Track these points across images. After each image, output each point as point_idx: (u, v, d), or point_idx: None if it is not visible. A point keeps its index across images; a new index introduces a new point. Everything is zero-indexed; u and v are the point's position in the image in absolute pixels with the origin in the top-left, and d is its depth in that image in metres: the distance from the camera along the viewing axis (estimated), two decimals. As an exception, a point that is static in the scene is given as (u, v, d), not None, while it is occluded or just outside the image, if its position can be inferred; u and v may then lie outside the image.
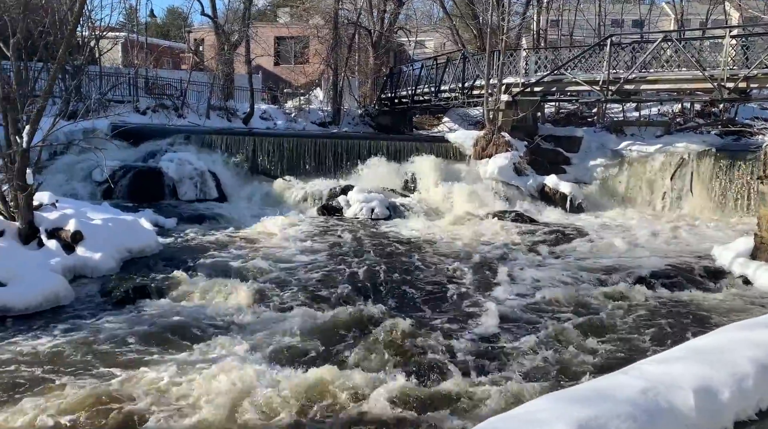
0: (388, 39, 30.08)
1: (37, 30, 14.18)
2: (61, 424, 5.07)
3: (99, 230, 10.32)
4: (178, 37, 41.34)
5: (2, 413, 5.17)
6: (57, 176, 16.04)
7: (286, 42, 35.64)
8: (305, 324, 7.66)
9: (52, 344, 6.75)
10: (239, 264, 10.44)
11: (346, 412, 5.44)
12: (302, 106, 28.70)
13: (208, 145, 18.99)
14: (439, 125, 29.73)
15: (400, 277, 10.17)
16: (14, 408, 5.27)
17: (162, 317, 7.88)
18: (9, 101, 10.00)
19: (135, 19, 29.77)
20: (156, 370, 6.10)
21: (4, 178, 10.00)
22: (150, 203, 15.65)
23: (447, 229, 14.19)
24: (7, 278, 8.11)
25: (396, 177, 18.56)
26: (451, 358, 6.73)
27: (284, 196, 17.41)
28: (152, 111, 23.06)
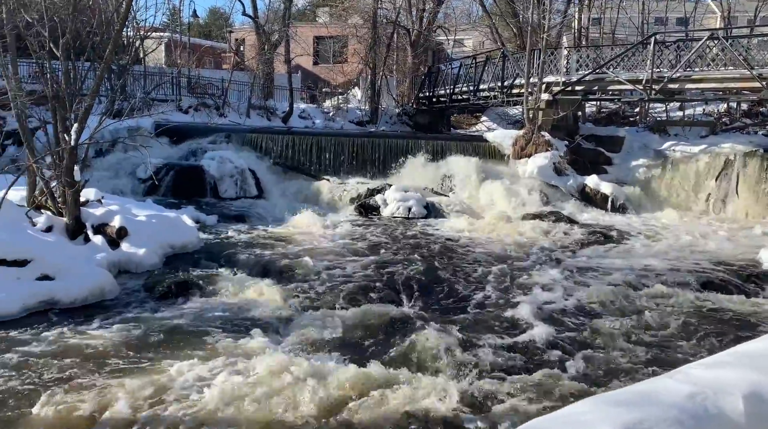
0: (427, 38, 30.01)
1: (84, 31, 14.55)
2: (106, 414, 5.19)
3: (143, 226, 10.54)
4: (219, 37, 41.94)
5: (50, 403, 5.31)
6: (103, 173, 16.44)
7: (325, 41, 35.88)
8: (342, 322, 7.69)
9: (97, 336, 6.91)
10: (277, 261, 10.55)
11: (383, 411, 5.44)
12: (340, 105, 28.85)
13: (248, 144, 19.25)
14: (477, 124, 29.56)
15: (436, 276, 10.15)
16: (62, 398, 5.42)
17: (203, 312, 8.01)
18: (58, 100, 10.29)
19: (178, 20, 30.30)
20: (196, 363, 6.19)
21: (52, 174, 10.31)
22: (191, 200, 15.95)
23: (485, 229, 14.09)
24: (55, 272, 8.34)
25: (433, 176, 18.52)
26: (490, 359, 6.68)
27: (322, 194, 17.52)
28: (194, 110, 23.47)
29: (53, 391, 5.52)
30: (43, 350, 6.48)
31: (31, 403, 5.34)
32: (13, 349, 6.46)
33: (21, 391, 5.54)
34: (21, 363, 6.12)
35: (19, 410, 5.23)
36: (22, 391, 5.56)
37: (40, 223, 9.68)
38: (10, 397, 5.43)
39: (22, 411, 5.23)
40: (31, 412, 5.20)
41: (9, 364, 6.09)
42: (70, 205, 9.94)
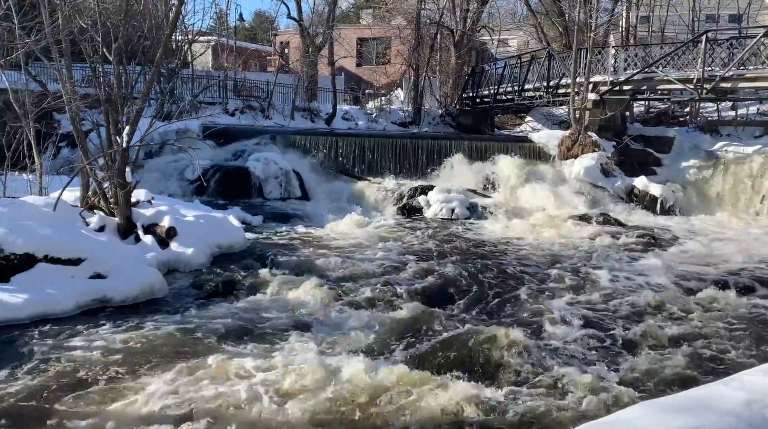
0: (471, 38, 29.82)
1: (135, 35, 14.94)
2: (155, 410, 5.32)
3: (191, 226, 10.75)
4: (264, 40, 42.54)
5: (102, 398, 5.47)
6: (152, 175, 16.84)
7: (369, 43, 36.02)
8: (385, 323, 7.71)
9: (148, 334, 7.08)
10: (321, 261, 10.62)
11: (421, 413, 5.42)
12: (383, 106, 28.92)
13: (292, 145, 19.48)
14: (521, 125, 29.24)
15: (479, 278, 10.08)
16: (112, 394, 5.57)
17: (249, 311, 8.12)
18: (110, 103, 10.59)
19: (225, 24, 30.86)
20: (242, 361, 6.28)
21: (105, 176, 10.61)
22: (237, 201, 16.22)
23: (529, 231, 13.94)
24: (107, 271, 8.57)
25: (477, 177, 18.41)
26: (535, 362, 6.60)
27: (365, 195, 17.59)
28: (240, 112, 23.86)
29: (104, 387, 5.69)
30: (95, 347, 6.65)
31: (83, 397, 5.50)
32: (67, 346, 6.68)
33: (74, 386, 5.71)
34: (74, 359, 6.31)
35: (72, 404, 5.40)
36: (75, 385, 5.73)
37: (93, 223, 9.97)
38: (64, 392, 5.60)
39: (75, 405, 5.39)
40: (83, 407, 5.36)
41: (63, 359, 6.29)
42: (121, 206, 10.21)
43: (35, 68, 17.70)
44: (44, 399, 5.46)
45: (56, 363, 6.18)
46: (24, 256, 8.19)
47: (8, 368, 6.06)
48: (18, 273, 8.08)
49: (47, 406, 5.34)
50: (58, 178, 11.98)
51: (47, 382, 5.77)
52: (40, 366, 6.10)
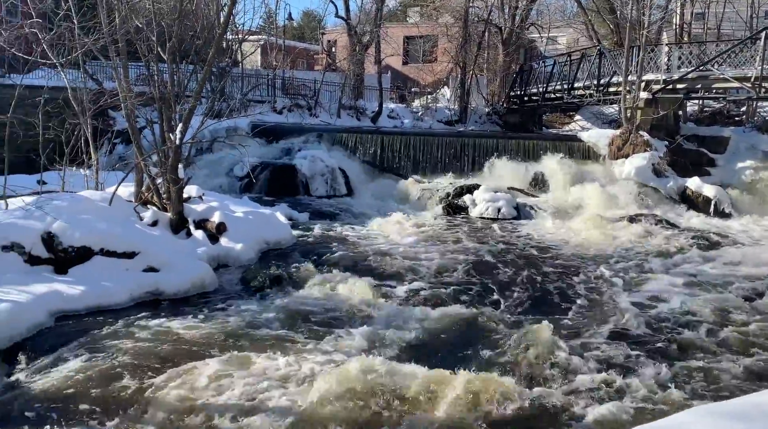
0: (519, 36, 29.48)
1: (188, 35, 15.27)
2: (202, 399, 5.44)
3: (240, 222, 10.95)
4: (312, 39, 42.92)
5: (153, 386, 5.63)
6: (202, 171, 17.19)
7: (415, 41, 35.95)
8: (429, 321, 7.70)
9: (198, 327, 7.25)
10: (366, 259, 10.68)
11: (465, 412, 5.40)
12: (429, 104, 28.84)
13: (338, 143, 19.63)
14: (570, 124, 28.76)
15: (526, 278, 9.97)
16: (162, 382, 5.73)
17: (295, 306, 8.23)
18: (164, 101, 10.87)
19: (274, 23, 31.25)
20: (288, 355, 6.38)
21: (158, 172, 10.90)
22: (284, 198, 16.42)
23: (578, 231, 13.70)
24: (160, 264, 8.81)
25: (524, 176, 18.20)
26: (582, 364, 6.51)
27: (410, 193, 17.59)
28: (288, 110, 24.14)
29: (155, 376, 5.85)
30: (148, 337, 6.86)
31: (134, 385, 5.67)
32: (121, 336, 6.89)
33: (127, 374, 5.89)
34: (128, 348, 6.51)
35: (125, 391, 5.57)
36: (128, 374, 5.91)
37: (147, 217, 10.26)
38: (117, 380, 5.79)
39: (127, 391, 5.56)
40: (134, 394, 5.53)
41: (117, 349, 6.49)
42: (174, 201, 10.47)
43: (92, 67, 18.28)
44: (99, 386, 5.65)
45: (111, 353, 6.38)
46: (81, 249, 8.49)
47: (67, 357, 6.29)
48: (75, 265, 8.39)
49: (101, 393, 5.53)
50: (113, 174, 12.37)
51: (102, 370, 5.96)
52: (97, 355, 6.31)
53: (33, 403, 5.36)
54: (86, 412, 5.22)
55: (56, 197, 9.59)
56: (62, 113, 12.06)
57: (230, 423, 5.11)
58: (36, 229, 8.42)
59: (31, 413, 5.13)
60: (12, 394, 5.56)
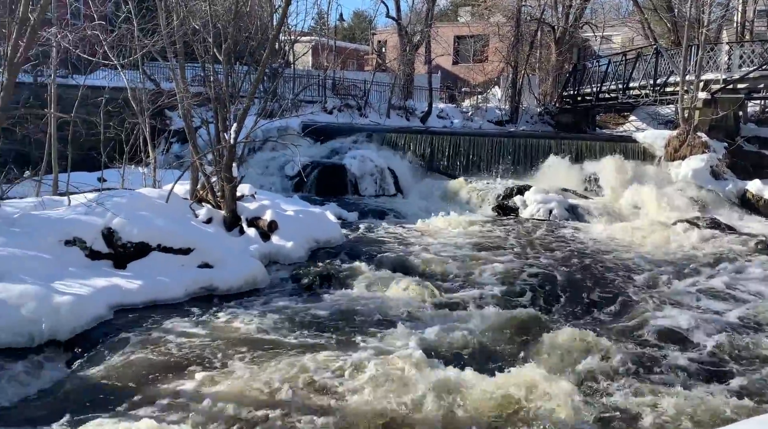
0: (572, 35, 28.99)
1: (243, 36, 15.56)
2: (253, 394, 5.53)
3: (291, 221, 11.09)
4: (362, 40, 43.14)
5: (209, 379, 5.76)
6: (254, 170, 17.50)
7: (466, 41, 35.74)
8: (478, 323, 7.63)
9: (250, 322, 7.37)
10: (414, 259, 10.66)
11: (512, 416, 5.34)
12: (479, 104, 28.63)
13: (387, 143, 19.69)
14: (624, 124, 28.15)
15: (578, 282, 9.80)
16: (217, 376, 5.85)
17: (344, 304, 8.30)
18: (219, 101, 11.11)
19: (326, 24, 31.54)
20: (337, 352, 6.43)
21: (213, 170, 11.14)
22: (334, 197, 16.57)
23: (632, 235, 13.38)
24: (214, 261, 9.00)
25: (576, 178, 17.90)
26: (637, 370, 6.37)
27: (459, 193, 17.50)
28: (338, 110, 24.35)
29: (210, 370, 5.99)
30: (202, 332, 7.02)
31: (191, 377, 5.81)
32: (177, 330, 7.07)
33: (183, 367, 6.04)
34: (184, 342, 6.67)
35: (181, 383, 5.71)
36: (184, 366, 6.06)
37: (202, 215, 10.50)
38: (174, 372, 5.94)
39: (183, 384, 5.70)
40: (192, 385, 5.66)
41: (173, 342, 6.66)
42: (227, 199, 10.69)
43: (150, 68, 18.81)
44: (156, 378, 5.81)
45: (168, 346, 6.55)
46: (140, 244, 8.75)
47: (125, 349, 6.49)
48: (134, 260, 8.65)
49: (159, 385, 5.69)
50: (170, 172, 12.71)
51: (159, 363, 6.13)
52: (154, 348, 6.49)
53: (93, 392, 5.55)
54: (143, 402, 5.37)
55: (116, 194, 9.92)
56: (122, 113, 12.46)
57: (279, 417, 5.19)
58: (97, 224, 8.72)
59: (91, 402, 5.31)
60: (74, 383, 5.78)
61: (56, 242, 8.31)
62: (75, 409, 5.05)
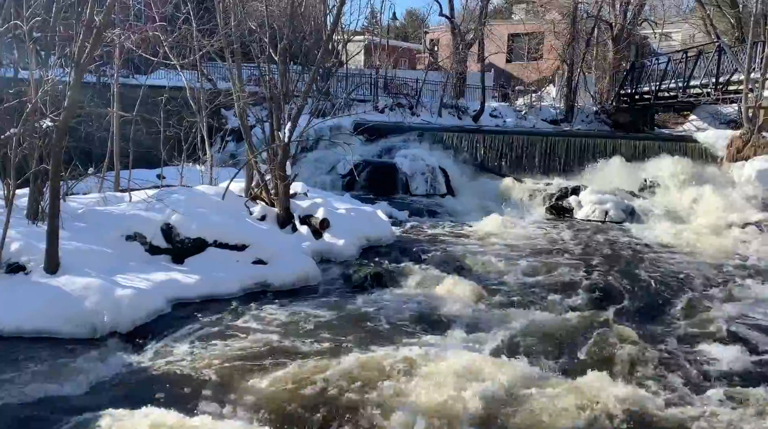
0: (630, 32, 28.25)
1: (298, 36, 15.76)
2: (311, 388, 5.60)
3: (343, 219, 11.18)
4: (415, 38, 43.11)
5: (258, 374, 5.87)
6: (306, 169, 17.68)
7: (520, 39, 35.29)
8: (528, 324, 7.54)
9: (302, 318, 7.48)
10: (466, 259, 10.61)
11: (565, 421, 5.25)
12: (533, 103, 28.23)
13: (439, 142, 19.62)
14: (684, 124, 27.30)
15: (634, 284, 9.56)
16: (269, 370, 5.95)
17: (395, 303, 8.32)
18: (274, 101, 11.28)
19: (378, 23, 31.65)
20: (388, 350, 6.45)
21: (267, 168, 11.32)
22: (384, 196, 16.61)
23: (692, 237, 12.98)
24: (268, 257, 9.15)
25: (633, 178, 17.47)
26: (694, 376, 6.18)
27: (512, 193, 17.30)
28: (389, 109, 24.39)
29: (264, 363, 6.10)
30: (256, 327, 7.16)
31: (246, 371, 5.93)
32: (232, 324, 7.24)
33: (238, 361, 6.17)
34: (238, 336, 6.82)
35: (236, 377, 5.83)
36: (239, 360, 6.18)
37: (256, 212, 10.69)
38: (229, 365, 6.06)
39: (238, 377, 5.82)
40: (246, 378, 5.77)
41: (229, 336, 6.82)
42: (281, 197, 10.85)
43: (206, 68, 19.24)
44: (212, 371, 5.95)
45: (223, 340, 6.71)
46: (197, 240, 8.98)
47: (183, 342, 6.68)
48: (191, 256, 8.88)
49: (214, 378, 5.82)
50: (225, 170, 12.98)
51: (214, 356, 6.28)
52: (210, 341, 6.66)
53: (153, 383, 5.72)
54: (200, 396, 5.51)
55: (175, 191, 10.20)
56: (181, 112, 12.77)
57: (333, 415, 5.24)
58: (156, 220, 8.99)
59: (151, 393, 5.47)
60: (133, 375, 5.96)
61: (118, 237, 8.60)
62: (135, 400, 5.21)
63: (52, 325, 6.74)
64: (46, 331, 6.71)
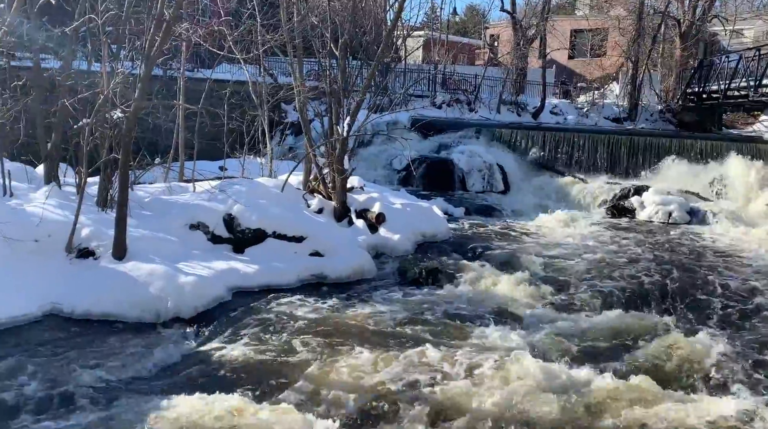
0: (699, 29, 27.26)
1: (359, 32, 15.84)
2: (364, 381, 5.66)
3: (398, 214, 11.21)
4: (475, 34, 42.72)
5: (313, 364, 5.95)
6: (362, 163, 17.77)
7: (583, 35, 34.51)
8: (587, 326, 7.43)
9: (357, 311, 7.56)
10: (522, 257, 10.47)
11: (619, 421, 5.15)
12: (595, 100, 27.59)
13: (497, 139, 19.41)
14: (754, 124, 26.19)
15: (695, 288, 9.24)
16: (323, 361, 6.04)
17: (449, 299, 8.31)
18: (334, 95, 11.39)
19: (438, 19, 31.50)
20: (441, 347, 6.44)
21: (325, 162, 11.45)
22: (440, 192, 16.55)
23: (762, 241, 12.46)
24: (325, 250, 9.27)
25: (699, 179, 16.90)
26: (755, 388, 5.95)
27: (571, 192, 16.99)
28: (447, 105, 24.24)
29: (320, 354, 6.19)
30: (313, 318, 7.27)
31: (302, 361, 6.04)
32: (289, 314, 7.37)
33: (294, 351, 6.29)
34: (295, 327, 6.93)
35: (292, 366, 5.95)
36: (295, 350, 6.30)
37: (314, 205, 10.83)
38: (286, 355, 6.19)
39: (294, 367, 5.93)
40: (302, 368, 5.88)
41: (286, 326, 6.95)
42: (338, 191, 10.96)
43: (267, 62, 19.56)
44: (269, 359, 6.09)
45: (281, 329, 6.84)
46: (257, 231, 9.18)
47: (242, 330, 6.84)
48: (251, 246, 9.09)
49: (271, 366, 5.96)
50: (284, 163, 13.19)
51: (272, 345, 6.42)
52: (268, 330, 6.80)
53: (213, 369, 5.89)
54: (260, 382, 5.64)
55: (236, 182, 10.44)
56: (243, 105, 13.04)
57: (387, 408, 5.28)
58: (219, 210, 9.22)
59: (211, 378, 5.64)
60: (195, 360, 6.15)
61: (182, 226, 8.87)
62: (197, 384, 5.38)
63: (119, 309, 7.03)
64: (113, 314, 7.00)
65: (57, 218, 8.04)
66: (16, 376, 5.45)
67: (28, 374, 5.49)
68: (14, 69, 10.86)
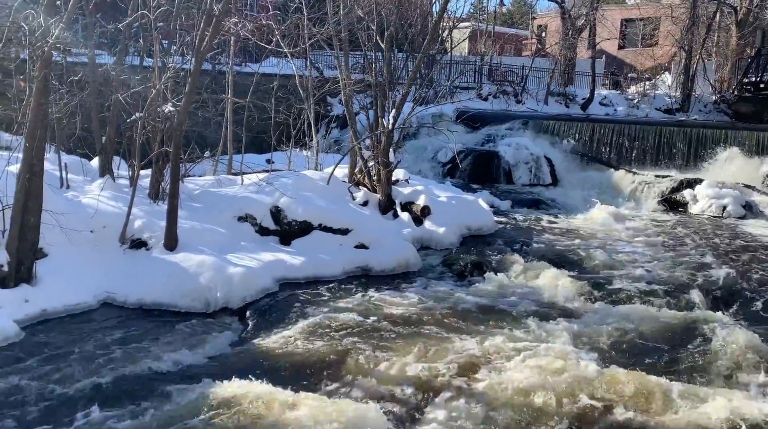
0: (757, 16, 26.26)
1: (405, 24, 15.79)
2: (406, 374, 5.68)
3: (443, 207, 11.18)
4: (522, 24, 42.13)
5: (367, 355, 6.00)
6: (407, 156, 17.75)
7: (634, 24, 33.67)
8: (636, 322, 7.26)
9: (402, 304, 7.58)
10: (569, 251, 10.33)
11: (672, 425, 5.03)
12: (646, 91, 26.90)
13: (544, 131, 19.10)
14: (816, 115, 25.11)
15: (751, 285, 8.95)
16: (369, 353, 6.07)
17: (495, 293, 8.24)
18: (380, 88, 11.40)
19: (485, 9, 31.17)
20: (486, 341, 6.41)
21: (371, 155, 11.48)
22: (486, 185, 16.42)
23: (822, 237, 11.99)
24: (370, 242, 9.32)
25: (756, 172, 16.26)
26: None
27: (621, 185, 16.60)
28: (493, 97, 24.04)
29: (365, 345, 6.24)
30: (358, 309, 7.32)
31: (348, 352, 6.09)
32: (335, 306, 7.45)
33: (340, 342, 6.35)
34: (341, 318, 6.99)
35: (338, 357, 6.01)
36: (342, 341, 6.36)
37: (359, 197, 10.89)
38: (332, 346, 6.25)
39: (340, 357, 5.99)
40: (348, 360, 5.94)
41: (332, 317, 7.01)
42: (383, 183, 10.98)
43: (313, 56, 19.70)
44: (316, 350, 6.16)
45: (327, 320, 6.90)
46: (303, 223, 9.29)
47: (289, 321, 6.94)
48: (297, 238, 9.20)
49: (318, 357, 6.03)
50: (330, 156, 13.29)
51: (318, 336, 6.50)
52: (314, 321, 6.87)
53: (260, 359, 6.00)
54: (307, 372, 5.73)
55: (283, 175, 10.57)
56: (289, 99, 13.18)
57: (435, 398, 5.32)
58: (266, 203, 9.37)
59: (259, 368, 5.74)
60: (243, 349, 6.28)
61: (230, 218, 9.05)
62: (245, 373, 5.46)
63: (170, 299, 7.22)
64: (165, 304, 7.21)
65: (111, 210, 8.30)
66: (85, 365, 5.66)
67: (98, 363, 5.70)
68: (70, 65, 11.24)
